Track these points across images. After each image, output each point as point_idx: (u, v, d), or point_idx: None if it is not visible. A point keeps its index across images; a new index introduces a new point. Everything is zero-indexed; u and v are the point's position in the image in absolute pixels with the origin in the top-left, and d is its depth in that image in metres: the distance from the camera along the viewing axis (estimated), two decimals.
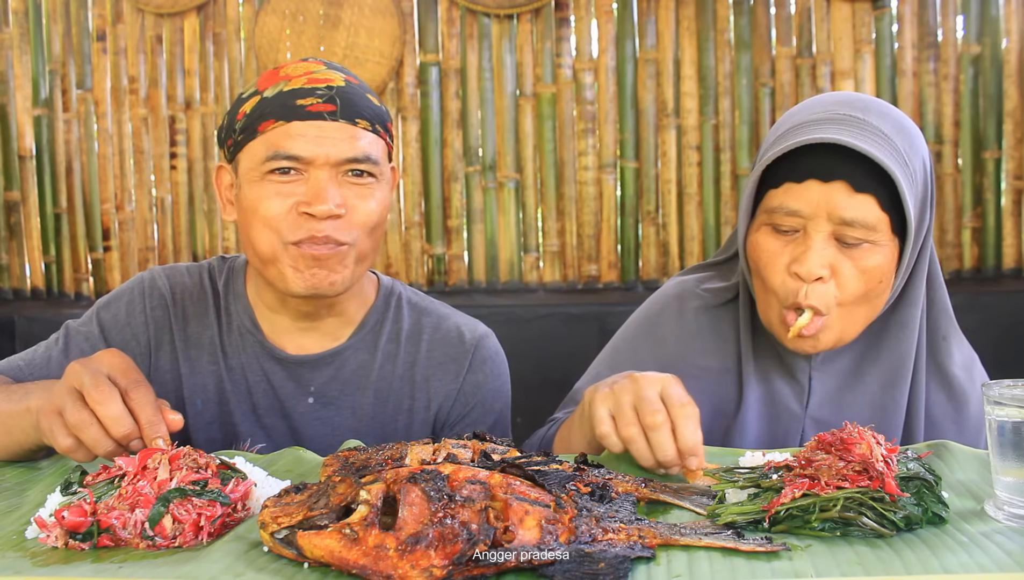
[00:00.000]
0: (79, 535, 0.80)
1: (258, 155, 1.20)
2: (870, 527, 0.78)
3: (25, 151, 3.34)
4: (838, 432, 0.86)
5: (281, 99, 1.19)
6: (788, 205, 1.12)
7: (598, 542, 0.75)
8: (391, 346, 1.35)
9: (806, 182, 1.11)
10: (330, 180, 1.18)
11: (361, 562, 0.70)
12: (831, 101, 1.17)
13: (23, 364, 1.30)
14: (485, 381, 1.37)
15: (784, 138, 1.14)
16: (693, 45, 3.09)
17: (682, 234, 3.13)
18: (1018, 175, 3.01)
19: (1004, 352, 1.46)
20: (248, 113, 1.21)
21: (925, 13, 3.00)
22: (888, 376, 1.23)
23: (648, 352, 1.32)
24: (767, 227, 1.16)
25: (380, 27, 3.13)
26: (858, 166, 1.09)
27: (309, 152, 1.17)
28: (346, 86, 1.21)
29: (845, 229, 1.11)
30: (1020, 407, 0.82)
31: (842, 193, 1.10)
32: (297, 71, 1.22)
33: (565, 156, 3.14)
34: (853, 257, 1.12)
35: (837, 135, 1.09)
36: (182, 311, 1.33)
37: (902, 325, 1.23)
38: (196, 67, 3.27)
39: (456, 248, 3.21)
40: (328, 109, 1.18)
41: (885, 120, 1.13)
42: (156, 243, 3.34)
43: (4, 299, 3.36)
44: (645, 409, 0.97)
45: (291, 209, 1.18)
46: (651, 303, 1.39)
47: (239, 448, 1.30)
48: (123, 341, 1.30)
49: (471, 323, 1.40)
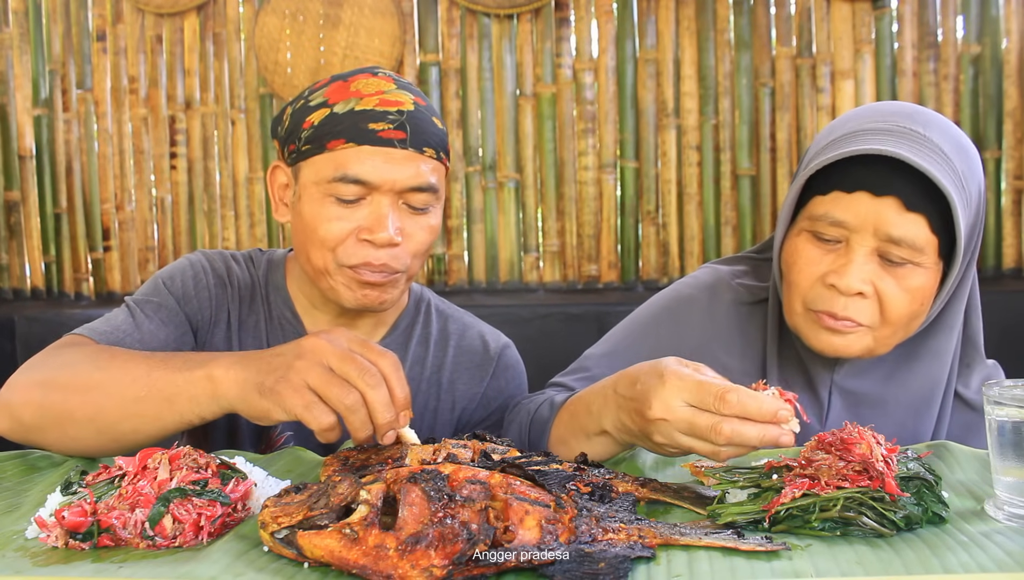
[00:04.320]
0: (79, 535, 0.80)
1: (324, 172, 1.20)
2: (870, 527, 0.78)
3: (25, 151, 3.34)
4: (838, 432, 0.86)
5: (353, 119, 1.19)
6: (834, 214, 1.08)
7: (598, 542, 0.75)
8: (420, 349, 1.39)
9: (856, 193, 1.06)
10: (391, 206, 1.20)
11: (361, 562, 0.70)
12: (890, 111, 1.11)
13: (109, 330, 1.22)
14: (507, 387, 1.42)
15: (837, 144, 1.09)
16: (693, 45, 3.09)
17: (682, 234, 3.13)
18: (1018, 175, 3.01)
19: (1004, 352, 1.45)
20: (316, 125, 1.21)
21: (925, 13, 3.00)
22: (915, 403, 1.19)
23: (670, 335, 1.28)
24: (807, 233, 1.12)
25: (380, 27, 3.13)
26: (912, 183, 1.04)
27: (376, 177, 1.19)
28: (415, 111, 1.22)
29: (891, 247, 1.06)
30: (1020, 407, 0.82)
31: (892, 209, 1.04)
32: (368, 88, 1.22)
33: (565, 156, 3.14)
34: (895, 276, 1.07)
35: (895, 148, 1.03)
36: (237, 293, 1.35)
37: (935, 353, 1.18)
38: (196, 67, 3.27)
39: (456, 248, 3.21)
40: (399, 137, 1.20)
41: (945, 138, 1.08)
42: (156, 243, 3.34)
43: (4, 299, 3.36)
44: (709, 397, 0.89)
45: (350, 234, 1.20)
46: (682, 286, 1.34)
47: (274, 435, 1.33)
48: (191, 312, 1.30)
49: (494, 333, 1.46)
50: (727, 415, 0.88)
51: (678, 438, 0.91)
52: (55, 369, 1.10)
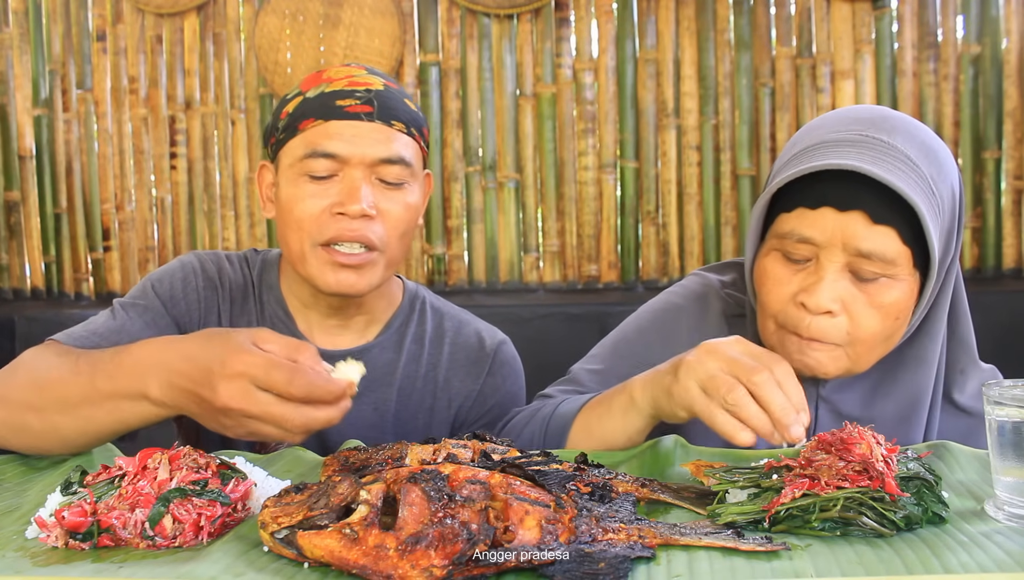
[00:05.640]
0: (79, 535, 0.80)
1: (296, 152, 1.24)
2: (870, 527, 0.78)
3: (25, 151, 3.34)
4: (838, 432, 0.86)
5: (322, 99, 1.24)
6: (800, 232, 1.04)
7: (598, 542, 0.75)
8: (415, 347, 1.39)
9: (821, 209, 1.03)
10: (363, 180, 1.22)
11: (361, 562, 0.70)
12: (853, 119, 1.08)
13: (85, 334, 1.23)
14: (503, 384, 1.41)
15: (799, 159, 1.06)
16: (693, 45, 3.09)
17: (682, 234, 3.13)
18: (1018, 175, 3.01)
19: (1004, 352, 1.45)
20: (291, 112, 1.26)
21: (925, 13, 3.00)
22: (902, 412, 1.16)
23: (660, 344, 1.25)
24: (777, 253, 1.09)
25: (380, 27, 3.13)
26: (879, 195, 1.01)
27: (345, 151, 1.21)
28: (384, 90, 1.26)
29: (861, 262, 1.03)
30: (1020, 407, 0.82)
31: (860, 223, 1.01)
32: (339, 74, 1.26)
33: (565, 156, 3.14)
34: (868, 292, 1.04)
35: (857, 161, 1.00)
36: (228, 295, 1.35)
37: (920, 360, 1.15)
38: (196, 67, 3.27)
39: (456, 248, 3.21)
40: (365, 110, 1.23)
41: (911, 143, 1.04)
42: (156, 243, 3.34)
43: (4, 299, 3.36)
44: (743, 368, 0.90)
45: (324, 210, 1.22)
46: (672, 296, 1.33)
47: None
48: (178, 315, 1.31)
49: (490, 329, 1.45)
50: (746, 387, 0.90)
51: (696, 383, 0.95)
52: (10, 385, 1.10)
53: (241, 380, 0.90)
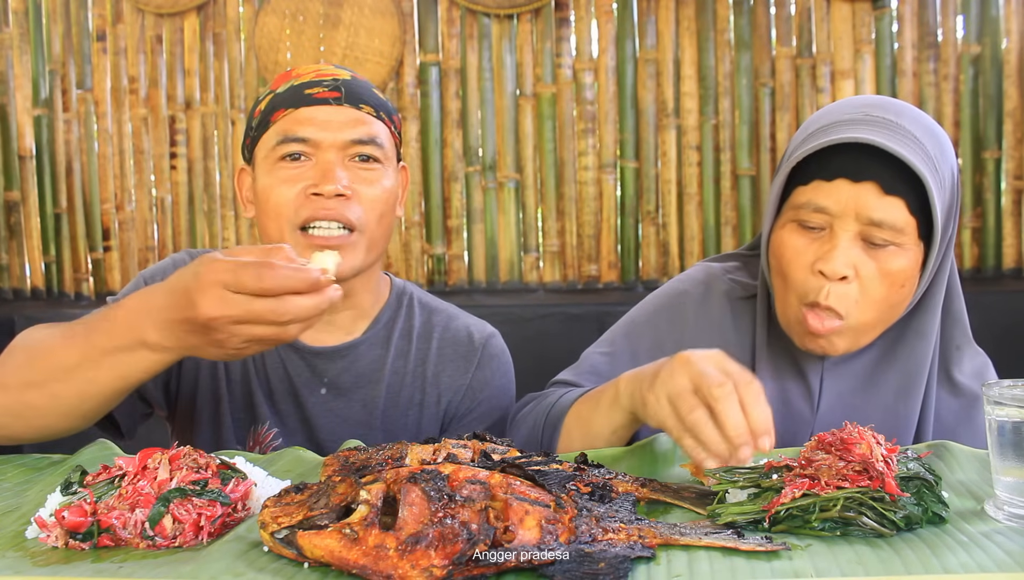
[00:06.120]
0: (79, 535, 0.80)
1: (270, 142, 1.28)
2: (870, 527, 0.78)
3: (25, 151, 3.34)
4: (838, 432, 0.86)
5: (291, 91, 1.28)
6: (816, 202, 1.12)
7: (598, 542, 0.75)
8: (403, 343, 1.40)
9: (836, 181, 1.11)
10: (337, 162, 1.25)
11: (361, 562, 0.70)
12: (863, 103, 1.17)
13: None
14: (492, 378, 1.41)
15: (815, 137, 1.14)
16: (693, 45, 3.09)
17: (682, 234, 3.13)
18: (1018, 175, 3.01)
19: (1004, 352, 1.45)
20: (263, 109, 1.30)
21: (925, 13, 3.00)
22: (902, 383, 1.23)
23: (667, 328, 1.31)
24: (793, 224, 1.16)
25: (380, 27, 3.13)
26: (889, 168, 1.09)
27: (316, 134, 1.25)
28: (351, 79, 1.31)
29: (872, 230, 1.10)
30: (1020, 407, 0.82)
31: (872, 194, 1.10)
32: (307, 70, 1.31)
33: (565, 156, 3.14)
34: (878, 258, 1.12)
35: (871, 135, 1.09)
36: None
37: (919, 333, 1.22)
38: (196, 67, 3.27)
39: (456, 248, 3.21)
40: (333, 96, 1.27)
41: (917, 125, 1.13)
42: (156, 243, 3.34)
43: (4, 299, 3.36)
44: (708, 383, 0.92)
45: (300, 193, 1.25)
46: (677, 282, 1.38)
47: (258, 430, 1.34)
48: None
49: (479, 323, 1.45)
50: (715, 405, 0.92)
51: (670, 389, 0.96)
52: (5, 370, 1.08)
53: (215, 288, 0.90)
